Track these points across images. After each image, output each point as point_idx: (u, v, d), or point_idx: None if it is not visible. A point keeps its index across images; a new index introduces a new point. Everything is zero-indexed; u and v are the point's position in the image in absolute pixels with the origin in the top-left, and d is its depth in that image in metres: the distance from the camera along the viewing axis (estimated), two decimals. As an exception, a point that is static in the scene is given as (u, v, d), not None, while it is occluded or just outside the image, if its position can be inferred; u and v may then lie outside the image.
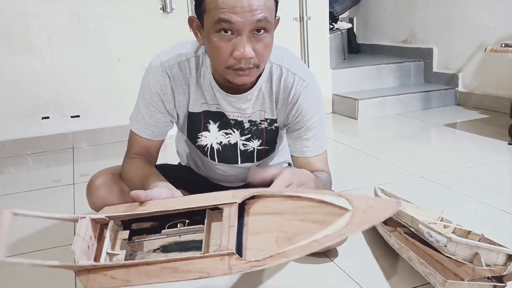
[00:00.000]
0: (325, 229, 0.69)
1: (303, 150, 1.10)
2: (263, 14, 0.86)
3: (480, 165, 1.90)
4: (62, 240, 1.38)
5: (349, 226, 0.68)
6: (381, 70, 3.23)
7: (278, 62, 1.06)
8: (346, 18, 4.09)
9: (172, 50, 1.06)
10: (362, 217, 0.68)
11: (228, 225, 0.74)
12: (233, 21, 0.85)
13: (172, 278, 0.71)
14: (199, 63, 1.05)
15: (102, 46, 2.46)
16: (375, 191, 1.45)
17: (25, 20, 2.31)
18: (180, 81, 1.05)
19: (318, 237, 0.68)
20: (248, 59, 0.89)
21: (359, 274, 1.12)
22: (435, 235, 1.03)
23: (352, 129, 2.69)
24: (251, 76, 0.94)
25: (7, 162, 2.29)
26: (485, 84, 2.93)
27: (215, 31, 0.88)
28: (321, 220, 0.71)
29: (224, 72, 0.93)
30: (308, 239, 0.68)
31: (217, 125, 1.11)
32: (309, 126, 1.08)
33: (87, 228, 0.79)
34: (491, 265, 0.96)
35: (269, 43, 0.92)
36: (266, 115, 1.10)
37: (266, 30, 0.89)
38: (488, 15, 2.82)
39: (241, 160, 1.16)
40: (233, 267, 0.69)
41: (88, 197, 1.14)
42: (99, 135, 2.53)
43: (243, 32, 0.87)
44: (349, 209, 0.70)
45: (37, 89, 2.39)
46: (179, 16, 2.53)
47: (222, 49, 0.89)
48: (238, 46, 0.87)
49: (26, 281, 1.18)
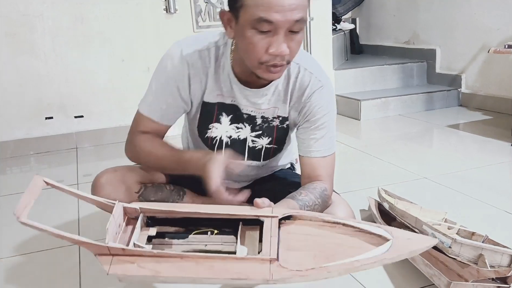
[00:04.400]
0: (366, 252, 0.70)
1: (310, 150, 1.10)
2: (301, 14, 0.88)
3: (483, 166, 1.90)
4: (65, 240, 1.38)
5: (390, 252, 0.69)
6: (384, 71, 3.23)
7: (297, 61, 1.06)
8: (349, 19, 4.08)
9: (193, 38, 1.06)
10: (403, 245, 0.70)
11: (269, 235, 0.73)
12: (273, 20, 0.86)
13: (208, 274, 0.68)
14: (219, 54, 1.05)
15: (105, 47, 2.47)
16: (378, 192, 1.45)
17: (29, 21, 2.32)
18: (198, 70, 1.05)
19: (360, 258, 0.69)
20: (282, 56, 0.90)
21: (363, 275, 1.12)
22: (440, 236, 1.03)
23: (354, 130, 2.69)
24: (281, 72, 0.95)
25: (10, 162, 2.30)
26: (488, 85, 2.93)
27: (251, 27, 0.88)
28: (358, 246, 0.72)
29: (255, 67, 0.94)
30: (350, 259, 0.69)
31: (229, 118, 1.11)
32: (319, 125, 1.08)
33: (119, 215, 0.78)
34: (495, 266, 0.96)
35: (301, 41, 0.94)
36: (279, 112, 1.10)
37: (301, 28, 0.91)
38: (491, 16, 2.82)
39: (247, 157, 1.16)
40: (274, 273, 0.68)
41: (94, 195, 1.14)
42: (102, 136, 2.54)
43: (281, 31, 0.88)
44: (389, 238, 0.72)
45: (41, 89, 2.40)
46: (183, 17, 2.54)
47: (257, 44, 0.89)
48: (275, 44, 0.88)
49: (28, 281, 1.18)
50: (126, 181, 1.14)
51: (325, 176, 1.09)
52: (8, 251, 1.34)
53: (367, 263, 0.68)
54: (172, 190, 1.22)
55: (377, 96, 2.92)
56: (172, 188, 1.22)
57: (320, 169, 1.08)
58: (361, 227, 0.74)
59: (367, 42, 4.03)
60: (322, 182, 1.06)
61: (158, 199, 1.18)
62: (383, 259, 0.68)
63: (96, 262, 1.25)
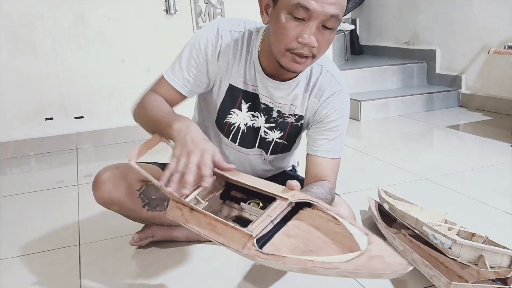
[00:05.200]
0: (326, 257, 0.68)
1: (320, 150, 1.10)
2: (338, 11, 0.89)
3: (483, 167, 1.90)
4: (68, 241, 1.39)
5: (346, 264, 0.66)
6: (384, 71, 3.23)
7: (321, 62, 1.09)
8: (349, 20, 4.08)
9: (231, 19, 1.09)
10: (362, 263, 0.65)
11: (267, 214, 0.76)
12: (310, 7, 0.87)
13: (208, 234, 0.76)
14: (251, 41, 1.06)
15: (106, 47, 2.47)
16: (378, 193, 1.45)
17: (29, 22, 2.32)
18: (229, 49, 1.06)
19: (316, 259, 0.67)
20: (310, 48, 0.91)
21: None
22: (440, 237, 1.03)
23: (355, 130, 2.69)
24: (304, 66, 0.96)
25: (11, 163, 2.30)
26: (488, 86, 2.93)
27: (287, 12, 0.90)
28: (336, 250, 0.71)
29: (281, 53, 0.94)
30: (307, 257, 0.68)
31: (247, 106, 1.12)
32: (333, 127, 1.10)
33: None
34: (495, 267, 0.96)
35: (331, 40, 0.95)
36: (296, 111, 1.11)
37: (333, 26, 0.92)
38: (491, 17, 2.82)
39: (258, 145, 1.17)
40: (245, 248, 0.71)
41: (95, 192, 1.14)
42: (103, 136, 2.54)
43: (315, 21, 0.89)
44: (361, 249, 0.68)
45: (41, 90, 2.40)
46: (183, 17, 2.54)
47: (289, 30, 0.90)
48: (306, 32, 0.89)
49: (29, 282, 1.18)
50: (127, 179, 1.15)
51: (332, 177, 1.10)
52: (8, 251, 1.34)
53: (320, 267, 0.66)
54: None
55: (377, 97, 2.92)
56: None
57: (327, 170, 1.09)
58: (351, 232, 0.72)
59: (367, 43, 4.03)
60: (328, 182, 1.07)
61: (159, 196, 1.19)
62: (338, 268, 0.65)
63: (96, 262, 1.25)
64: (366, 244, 0.69)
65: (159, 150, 1.00)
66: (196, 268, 1.21)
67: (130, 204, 1.16)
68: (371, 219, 1.43)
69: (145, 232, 1.28)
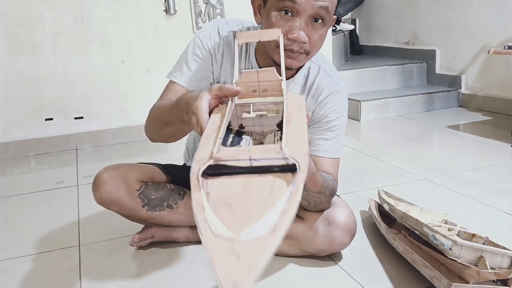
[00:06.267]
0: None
1: (319, 149, 1.11)
2: (326, 3, 0.89)
3: (483, 167, 1.90)
4: (68, 241, 1.38)
5: None
6: (384, 71, 3.23)
7: (318, 62, 1.10)
8: (349, 20, 4.09)
9: (228, 20, 1.09)
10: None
11: (248, 148, 0.60)
12: (297, 0, 0.87)
13: None
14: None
15: (105, 48, 2.47)
16: (378, 193, 1.45)
17: (29, 22, 2.32)
18: (231, 50, 1.06)
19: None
20: (300, 44, 0.91)
21: (363, 277, 1.12)
22: (440, 238, 1.03)
23: (354, 131, 2.69)
24: (298, 61, 0.96)
25: (10, 164, 2.29)
26: (488, 86, 2.93)
27: (276, 9, 0.90)
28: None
29: (273, 50, 0.94)
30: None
31: None
32: (331, 127, 1.10)
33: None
34: (496, 268, 0.96)
35: (323, 36, 0.95)
36: None
37: (323, 21, 0.92)
38: (491, 17, 2.82)
39: None
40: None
41: (94, 192, 1.14)
42: (102, 137, 2.53)
43: (303, 16, 0.89)
44: None
45: (41, 90, 2.40)
46: (182, 18, 2.53)
47: (278, 27, 0.90)
48: (295, 28, 0.90)
49: (29, 282, 1.18)
50: (127, 179, 1.16)
51: (333, 174, 1.10)
52: (8, 252, 1.34)
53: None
54: (172, 189, 1.23)
55: (377, 97, 2.92)
56: (172, 188, 1.23)
57: (326, 167, 1.10)
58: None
59: (367, 43, 4.03)
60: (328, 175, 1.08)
61: (158, 197, 1.19)
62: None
63: (96, 263, 1.25)
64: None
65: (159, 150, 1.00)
66: (196, 268, 1.20)
67: (130, 204, 1.16)
68: (371, 219, 1.43)
69: (145, 232, 1.28)
